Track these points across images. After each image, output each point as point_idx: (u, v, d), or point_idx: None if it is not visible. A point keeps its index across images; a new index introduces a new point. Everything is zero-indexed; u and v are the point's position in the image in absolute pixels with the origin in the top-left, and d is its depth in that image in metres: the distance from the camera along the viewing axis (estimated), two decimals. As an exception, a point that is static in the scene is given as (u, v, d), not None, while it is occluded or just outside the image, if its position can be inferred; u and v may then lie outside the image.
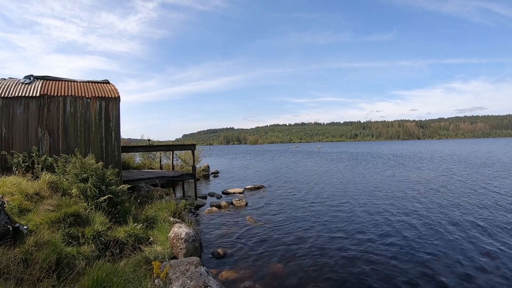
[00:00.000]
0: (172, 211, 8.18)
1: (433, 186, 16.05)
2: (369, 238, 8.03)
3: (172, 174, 13.89)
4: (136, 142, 30.52)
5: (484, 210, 10.46)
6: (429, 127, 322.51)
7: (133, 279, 3.85)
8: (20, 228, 4.49)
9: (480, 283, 5.48)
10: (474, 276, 5.73)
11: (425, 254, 6.87)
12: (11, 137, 9.06)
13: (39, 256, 3.90)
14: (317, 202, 12.87)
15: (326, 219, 10.01)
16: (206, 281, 4.49)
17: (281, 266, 6.43)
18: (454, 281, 5.58)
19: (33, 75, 10.28)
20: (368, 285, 5.56)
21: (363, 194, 14.40)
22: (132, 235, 5.97)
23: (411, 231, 8.49)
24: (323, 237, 8.27)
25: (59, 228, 5.24)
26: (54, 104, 9.58)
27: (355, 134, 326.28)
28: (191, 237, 6.33)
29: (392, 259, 6.65)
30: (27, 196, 6.18)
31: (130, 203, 7.81)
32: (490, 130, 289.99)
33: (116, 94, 10.54)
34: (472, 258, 6.54)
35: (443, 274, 5.87)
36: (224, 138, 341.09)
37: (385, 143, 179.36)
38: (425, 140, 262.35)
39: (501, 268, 6.04)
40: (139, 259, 5.13)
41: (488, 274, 5.84)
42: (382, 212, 10.66)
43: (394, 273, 5.98)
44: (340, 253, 7.05)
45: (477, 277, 5.69)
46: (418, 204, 11.77)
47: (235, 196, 14.37)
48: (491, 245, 7.23)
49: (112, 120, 10.37)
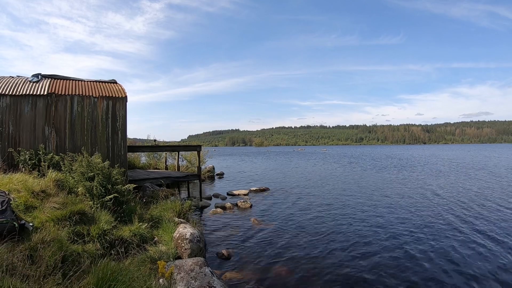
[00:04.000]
0: (177, 211, 8.17)
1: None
2: (376, 242, 7.93)
3: (178, 175, 13.90)
4: (142, 142, 30.66)
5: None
6: (435, 132, 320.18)
7: (138, 278, 3.82)
8: (26, 225, 4.50)
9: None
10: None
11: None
12: (18, 134, 9.12)
13: (45, 253, 3.90)
14: (322, 205, 12.78)
15: (331, 222, 9.92)
16: (211, 282, 4.46)
17: (285, 269, 6.37)
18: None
19: (41, 73, 10.35)
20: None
21: (370, 197, 14.28)
22: (137, 234, 5.97)
23: (420, 236, 8.39)
24: (328, 240, 8.19)
25: (64, 226, 5.24)
26: (61, 103, 9.63)
27: (360, 137, 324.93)
28: (195, 238, 6.31)
29: (398, 263, 6.56)
30: (33, 193, 6.20)
31: (135, 202, 7.82)
32: (497, 136, 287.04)
33: (123, 94, 10.57)
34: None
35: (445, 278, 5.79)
36: (229, 139, 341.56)
37: (391, 147, 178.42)
38: (431, 144, 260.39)
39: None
40: (144, 258, 5.12)
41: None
42: (390, 216, 10.55)
43: (401, 277, 5.90)
44: (346, 257, 6.97)
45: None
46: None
47: (240, 198, 14.34)
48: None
49: (119, 120, 10.40)
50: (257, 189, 16.89)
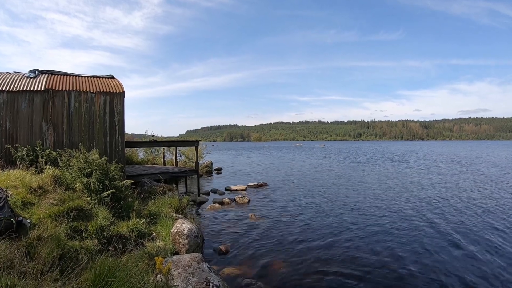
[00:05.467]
0: (175, 207, 8.17)
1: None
2: (373, 236, 8.00)
3: (175, 170, 13.90)
4: (140, 138, 30.60)
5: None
6: (433, 128, 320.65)
7: (136, 274, 3.84)
8: (24, 222, 4.50)
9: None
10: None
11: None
12: (15, 131, 9.09)
13: (42, 250, 3.91)
14: (319, 199, 12.84)
15: (329, 217, 9.98)
16: (208, 278, 4.48)
17: (283, 264, 6.42)
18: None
19: (38, 69, 10.29)
20: (370, 283, 5.54)
21: (368, 191, 14.35)
22: (135, 230, 5.99)
23: (414, 229, 8.46)
24: (326, 234, 8.25)
25: (62, 222, 5.24)
26: (58, 99, 9.59)
27: (358, 133, 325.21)
28: (193, 233, 6.33)
29: (396, 258, 6.63)
30: (31, 189, 6.19)
31: (133, 198, 7.81)
32: (495, 132, 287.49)
33: (120, 90, 10.53)
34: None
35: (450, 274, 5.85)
36: (227, 135, 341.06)
37: (389, 142, 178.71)
38: (429, 140, 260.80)
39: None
40: (141, 254, 5.14)
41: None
42: (389, 211, 10.62)
43: (398, 272, 5.95)
44: (343, 251, 7.03)
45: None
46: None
47: (238, 193, 14.38)
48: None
49: (117, 115, 10.37)
50: (255, 184, 16.93)
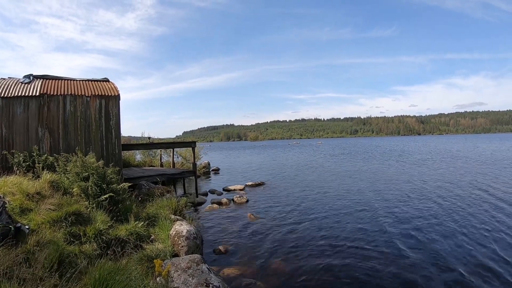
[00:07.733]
0: (173, 208, 8.19)
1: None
2: (372, 236, 8.05)
3: (173, 172, 13.91)
4: (137, 140, 30.54)
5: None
6: (429, 123, 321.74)
7: (135, 277, 3.86)
8: (22, 228, 4.51)
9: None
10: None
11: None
12: (11, 136, 9.07)
13: (41, 256, 3.92)
14: (317, 198, 12.89)
15: (327, 216, 10.03)
16: (208, 279, 4.51)
17: (283, 263, 6.46)
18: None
19: (33, 74, 10.27)
20: (369, 283, 5.59)
21: (366, 189, 14.43)
22: (134, 233, 5.99)
23: (412, 227, 8.53)
24: (324, 234, 8.29)
25: (60, 227, 5.25)
26: (54, 103, 9.58)
27: (355, 130, 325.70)
28: (192, 235, 6.35)
29: (396, 257, 6.68)
30: (28, 195, 6.19)
31: (131, 201, 7.81)
32: (491, 126, 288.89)
33: (116, 92, 10.53)
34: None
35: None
36: (224, 134, 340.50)
37: (386, 138, 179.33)
38: (425, 135, 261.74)
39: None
40: (140, 257, 5.15)
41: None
42: (386, 209, 10.69)
43: (399, 272, 6.00)
44: (342, 251, 7.07)
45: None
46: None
47: (236, 193, 14.41)
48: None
49: (112, 119, 10.36)
50: (253, 183, 16.97)
